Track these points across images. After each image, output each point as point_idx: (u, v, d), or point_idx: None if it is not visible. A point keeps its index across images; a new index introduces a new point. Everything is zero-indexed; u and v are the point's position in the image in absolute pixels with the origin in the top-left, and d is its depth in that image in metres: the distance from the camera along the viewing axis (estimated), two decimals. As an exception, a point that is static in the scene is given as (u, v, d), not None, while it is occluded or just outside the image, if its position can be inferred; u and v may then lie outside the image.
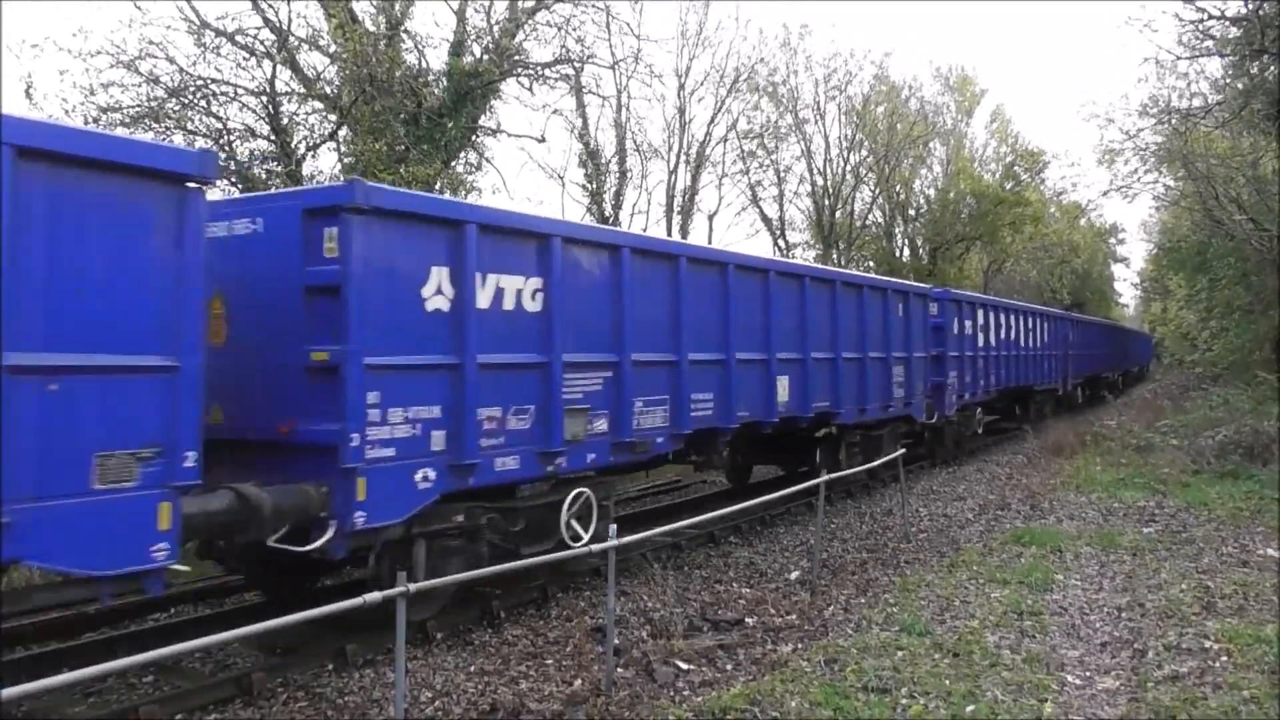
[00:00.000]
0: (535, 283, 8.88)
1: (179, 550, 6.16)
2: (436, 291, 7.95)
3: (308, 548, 7.17)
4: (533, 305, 8.87)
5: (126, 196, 5.82)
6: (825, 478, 10.89)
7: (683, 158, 29.27)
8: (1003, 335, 23.67)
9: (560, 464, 9.12)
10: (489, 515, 8.68)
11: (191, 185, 6.16)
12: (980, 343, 21.77)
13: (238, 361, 7.47)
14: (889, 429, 16.70)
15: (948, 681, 6.81)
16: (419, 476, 7.74)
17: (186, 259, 6.12)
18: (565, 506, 9.38)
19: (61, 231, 5.52)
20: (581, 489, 9.61)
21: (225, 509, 6.67)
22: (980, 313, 22.04)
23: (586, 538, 9.40)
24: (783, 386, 12.95)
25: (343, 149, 17.15)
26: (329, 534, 7.14)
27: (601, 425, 9.63)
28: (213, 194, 7.61)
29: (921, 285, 19.68)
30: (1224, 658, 7.26)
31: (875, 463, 14.01)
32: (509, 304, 8.63)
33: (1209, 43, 20.81)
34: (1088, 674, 7.07)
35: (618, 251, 9.92)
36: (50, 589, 7.23)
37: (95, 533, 5.64)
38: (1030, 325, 26.35)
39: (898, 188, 40.26)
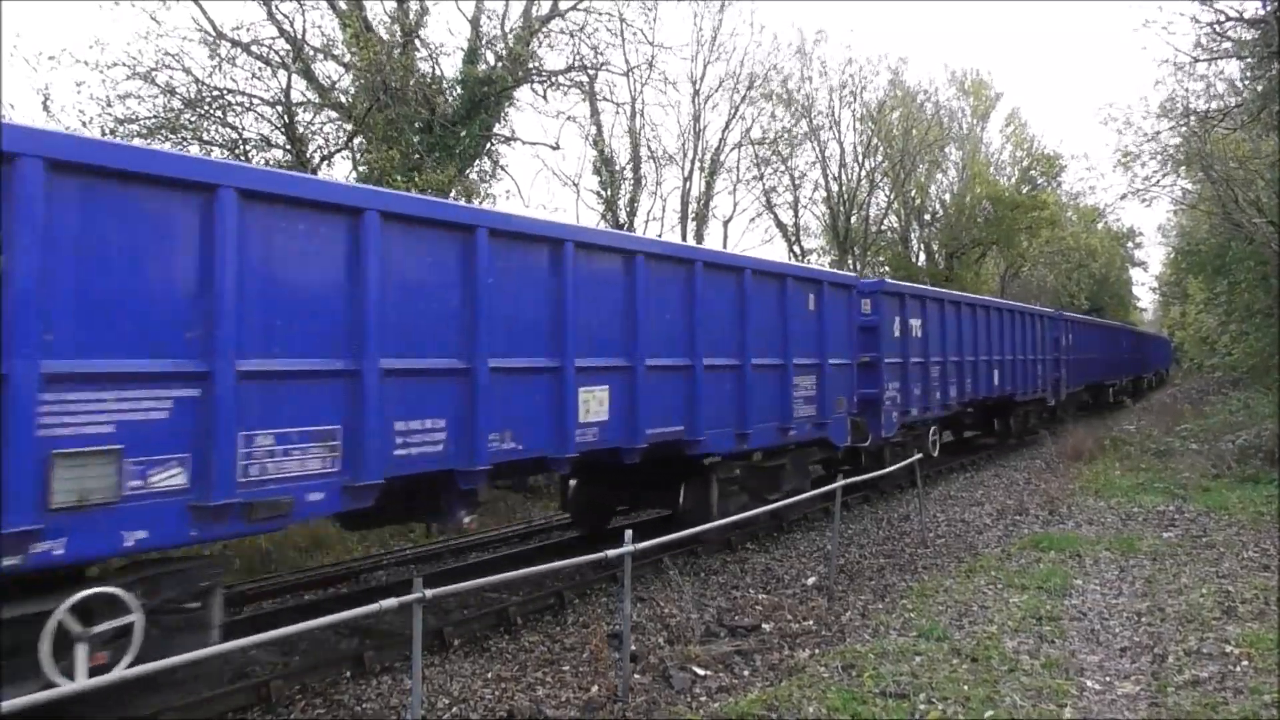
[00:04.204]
0: (919, 321, 17.41)
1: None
2: (895, 326, 16.46)
3: (864, 444, 15.19)
4: (918, 332, 17.34)
5: (836, 292, 14.08)
6: (841, 482, 10.88)
7: (697, 164, 29.28)
8: (1089, 343, 32.53)
9: (926, 415, 17.69)
10: (910, 437, 17.13)
11: (854, 291, 14.74)
12: (1077, 350, 30.38)
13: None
14: (1032, 407, 25.86)
15: (966, 687, 6.78)
16: (895, 415, 16.13)
17: (854, 320, 14.74)
18: (929, 434, 18.34)
19: (806, 308, 13.26)
20: (933, 427, 18.53)
21: (854, 425, 14.45)
22: (1076, 327, 30.83)
23: (936, 452, 18.81)
24: (996, 376, 21.56)
25: (358, 158, 17.23)
26: (870, 440, 15.31)
27: (938, 395, 18.13)
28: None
29: (1047, 309, 28.65)
30: (1245, 662, 7.20)
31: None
32: (913, 333, 17.07)
33: (1227, 45, 20.68)
34: (1107, 679, 7.03)
35: (943, 302, 18.91)
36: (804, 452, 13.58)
37: (839, 430, 13.93)
38: (1104, 335, 36.57)
39: (913, 193, 40.12)
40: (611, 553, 7.21)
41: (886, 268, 39.68)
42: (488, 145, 19.08)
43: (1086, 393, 33.48)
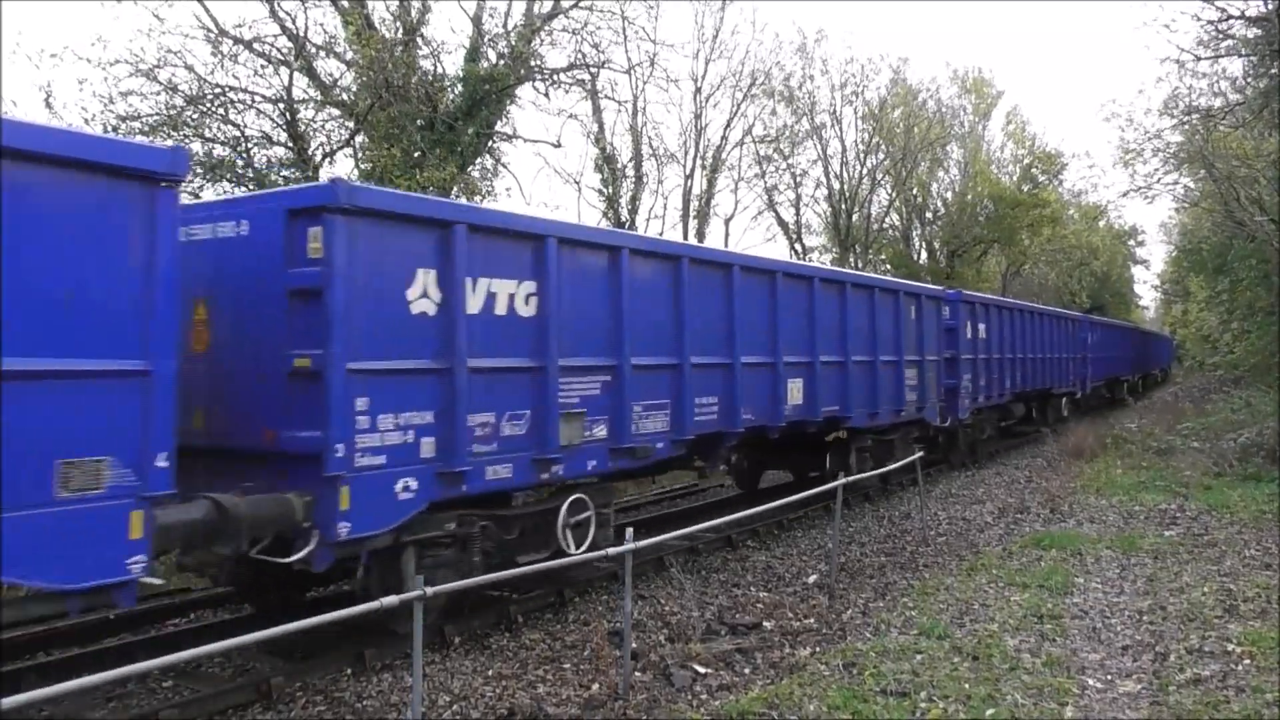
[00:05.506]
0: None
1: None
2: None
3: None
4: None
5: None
6: (842, 480, 10.85)
7: (699, 162, 29.29)
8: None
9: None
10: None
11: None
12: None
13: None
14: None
15: (967, 685, 6.77)
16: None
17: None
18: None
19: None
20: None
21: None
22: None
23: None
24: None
25: (359, 155, 17.23)
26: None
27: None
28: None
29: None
30: (1246, 661, 7.19)
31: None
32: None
33: (1229, 43, 20.67)
34: (1109, 677, 7.02)
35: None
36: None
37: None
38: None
39: (915, 191, 40.14)
40: (612, 551, 7.20)
41: (888, 265, 39.66)
42: (489, 143, 19.06)
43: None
